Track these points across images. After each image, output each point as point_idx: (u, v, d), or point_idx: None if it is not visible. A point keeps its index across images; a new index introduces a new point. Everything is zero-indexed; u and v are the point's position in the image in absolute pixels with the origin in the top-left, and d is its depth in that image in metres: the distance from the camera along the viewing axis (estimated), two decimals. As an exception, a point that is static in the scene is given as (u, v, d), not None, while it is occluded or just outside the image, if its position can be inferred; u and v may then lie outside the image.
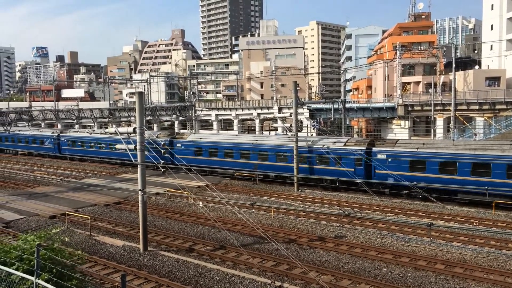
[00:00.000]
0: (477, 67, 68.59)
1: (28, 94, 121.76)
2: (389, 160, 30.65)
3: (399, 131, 53.75)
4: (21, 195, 33.60)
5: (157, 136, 45.21)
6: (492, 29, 69.50)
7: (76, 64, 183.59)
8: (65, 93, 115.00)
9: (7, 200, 31.42)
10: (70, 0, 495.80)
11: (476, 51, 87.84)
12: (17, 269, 9.38)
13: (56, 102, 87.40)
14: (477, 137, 46.27)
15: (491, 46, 68.92)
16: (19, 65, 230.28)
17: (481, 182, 26.85)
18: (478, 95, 49.41)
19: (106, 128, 58.52)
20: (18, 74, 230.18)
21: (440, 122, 52.20)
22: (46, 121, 64.81)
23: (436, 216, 25.75)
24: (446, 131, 51.96)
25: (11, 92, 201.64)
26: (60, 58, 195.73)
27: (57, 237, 11.67)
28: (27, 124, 59.47)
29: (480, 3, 72.76)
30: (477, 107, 49.13)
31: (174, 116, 75.30)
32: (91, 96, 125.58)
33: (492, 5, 69.28)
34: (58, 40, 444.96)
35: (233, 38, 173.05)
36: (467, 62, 71.77)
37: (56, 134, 56.24)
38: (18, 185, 37.86)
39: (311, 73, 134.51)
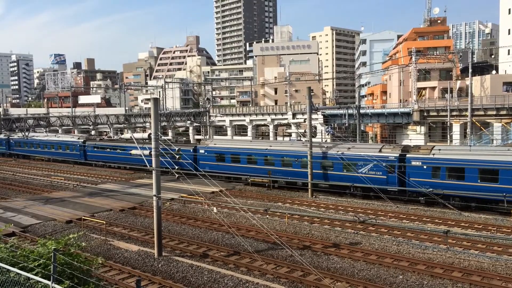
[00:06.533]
0: (494, 72, 67.69)
1: (46, 100, 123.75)
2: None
3: (415, 136, 53.24)
4: (38, 200, 34.09)
5: None
6: (509, 33, 68.62)
7: (93, 71, 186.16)
8: (82, 99, 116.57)
9: (25, 205, 31.92)
10: (87, 9, 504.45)
11: (493, 56, 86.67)
12: (36, 274, 9.49)
13: (73, 108, 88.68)
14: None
15: (508, 50, 68.03)
16: (37, 72, 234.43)
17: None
18: (495, 100, 48.72)
19: (122, 133, 59.37)
20: (36, 81, 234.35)
21: (456, 128, 51.56)
22: (63, 127, 65.76)
23: (453, 223, 25.39)
24: (463, 137, 51.32)
25: (29, 98, 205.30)
26: (77, 65, 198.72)
27: (75, 243, 11.80)
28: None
29: (497, 7, 71.98)
30: (494, 112, 48.44)
31: (188, 122, 75.76)
32: (107, 102, 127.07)
33: (510, 10, 68.46)
34: (76, 47, 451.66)
35: (247, 44, 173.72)
36: (484, 67, 71.01)
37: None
38: (35, 190, 38.43)
39: (325, 79, 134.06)
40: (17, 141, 64.74)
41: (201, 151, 42.25)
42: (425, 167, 30.00)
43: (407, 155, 31.15)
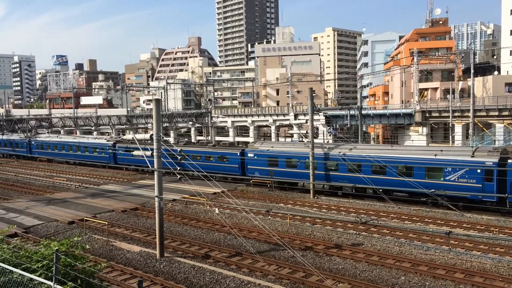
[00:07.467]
0: (496, 72, 67.62)
1: (48, 101, 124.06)
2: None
3: (417, 137, 53.19)
4: (40, 200, 34.17)
5: None
6: (511, 34, 68.52)
7: (95, 72, 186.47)
8: (84, 100, 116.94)
9: (27, 206, 31.98)
10: (88, 10, 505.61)
11: (495, 57, 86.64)
12: (39, 275, 9.51)
13: (75, 109, 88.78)
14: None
15: (511, 51, 67.95)
16: (40, 73, 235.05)
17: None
18: (498, 101, 48.63)
19: (124, 134, 59.51)
20: (38, 82, 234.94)
21: (458, 129, 51.49)
22: (65, 128, 65.91)
23: (455, 224, 25.35)
24: (465, 138, 51.26)
25: (32, 99, 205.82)
26: (79, 66, 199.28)
27: (79, 245, 11.83)
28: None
29: (499, 8, 71.93)
30: (496, 113, 48.35)
31: (190, 123, 75.83)
32: (109, 103, 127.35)
33: (511, 10, 68.36)
34: (77, 48, 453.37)
35: (249, 45, 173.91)
36: (486, 68, 70.93)
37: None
38: (38, 191, 38.50)
39: (327, 80, 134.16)
40: (39, 143, 61.20)
41: (250, 154, 38.89)
42: None
43: (509, 161, 27.06)
